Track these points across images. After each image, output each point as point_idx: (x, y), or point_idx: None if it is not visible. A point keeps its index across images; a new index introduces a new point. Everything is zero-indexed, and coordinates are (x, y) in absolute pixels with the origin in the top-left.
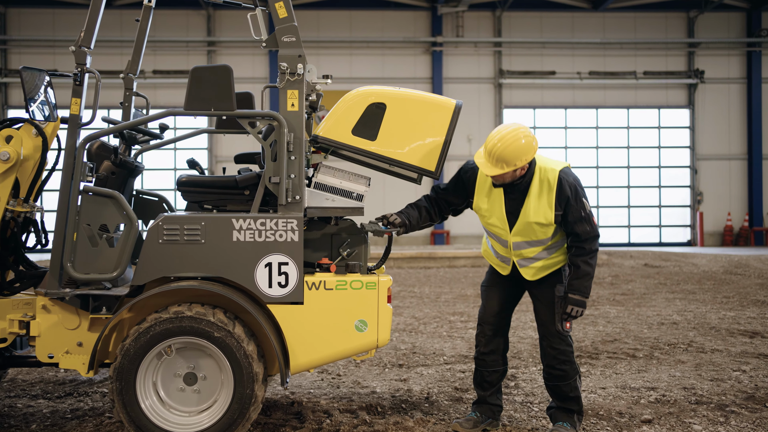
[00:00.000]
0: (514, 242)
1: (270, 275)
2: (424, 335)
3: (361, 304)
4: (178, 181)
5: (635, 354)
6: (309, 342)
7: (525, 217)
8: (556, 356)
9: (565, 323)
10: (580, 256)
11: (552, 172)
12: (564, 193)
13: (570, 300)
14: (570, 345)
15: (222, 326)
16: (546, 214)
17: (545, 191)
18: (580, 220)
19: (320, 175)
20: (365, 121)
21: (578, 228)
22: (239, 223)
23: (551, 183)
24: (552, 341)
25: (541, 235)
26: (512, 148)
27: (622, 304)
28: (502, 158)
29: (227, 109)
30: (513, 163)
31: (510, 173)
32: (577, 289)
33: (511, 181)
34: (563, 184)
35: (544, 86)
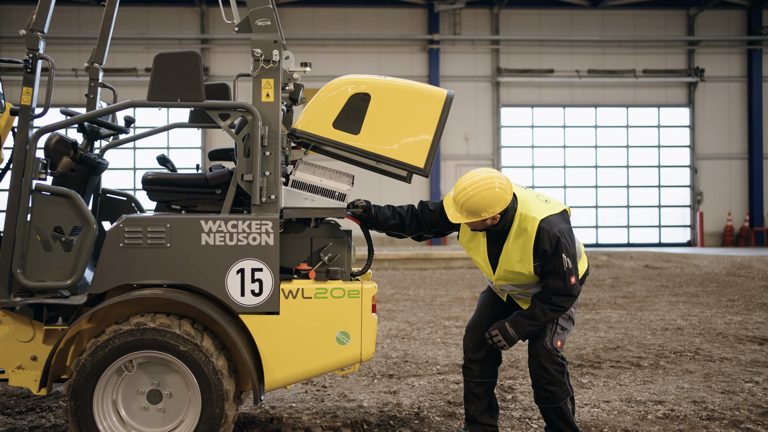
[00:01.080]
0: (499, 285)
1: (242, 282)
2: (417, 342)
3: (343, 315)
4: (143, 179)
5: (640, 363)
6: (285, 356)
7: (505, 265)
8: (543, 375)
9: (556, 341)
10: (543, 302)
11: (532, 222)
12: (541, 246)
13: (502, 328)
14: (560, 364)
15: (188, 339)
16: (524, 263)
17: (523, 241)
18: (554, 275)
19: (298, 172)
20: (347, 113)
21: (550, 281)
22: (208, 225)
23: (529, 233)
24: (539, 358)
25: (525, 280)
26: (480, 198)
27: (624, 307)
28: (469, 208)
29: (195, 100)
30: (479, 214)
31: (479, 222)
32: (515, 323)
33: (483, 228)
34: (541, 236)
35: (542, 85)
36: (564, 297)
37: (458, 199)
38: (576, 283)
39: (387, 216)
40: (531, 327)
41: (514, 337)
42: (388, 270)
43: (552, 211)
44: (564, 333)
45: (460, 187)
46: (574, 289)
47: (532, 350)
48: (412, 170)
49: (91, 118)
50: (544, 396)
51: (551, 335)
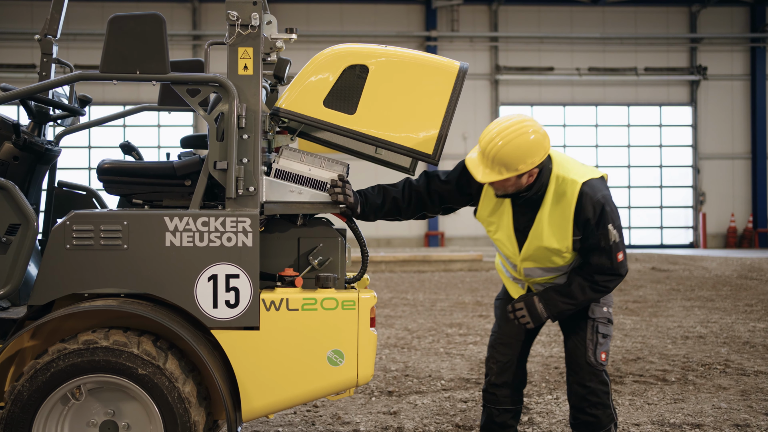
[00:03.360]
0: (524, 268)
1: (215, 292)
2: (418, 352)
3: (336, 330)
4: (99, 168)
5: (666, 377)
6: (267, 379)
7: (536, 240)
8: (586, 396)
9: (600, 353)
10: (582, 278)
11: (572, 185)
12: (584, 214)
13: (528, 299)
14: (605, 383)
15: (149, 360)
16: (561, 238)
17: (562, 208)
18: (598, 250)
19: (283, 159)
20: (341, 89)
21: (594, 258)
22: (174, 222)
23: (569, 198)
24: (580, 376)
25: (558, 261)
26: (514, 146)
27: (637, 313)
28: (500, 160)
29: (158, 72)
30: (515, 167)
31: (513, 180)
32: (546, 299)
33: (515, 191)
34: (584, 202)
35: (541, 83)
36: (610, 276)
37: (487, 151)
38: (624, 260)
39: (377, 204)
40: (565, 306)
41: (542, 315)
42: (384, 272)
43: (593, 174)
44: (607, 341)
45: (486, 138)
46: (621, 267)
47: (571, 366)
48: (418, 158)
49: (30, 94)
50: (585, 421)
51: (594, 347)
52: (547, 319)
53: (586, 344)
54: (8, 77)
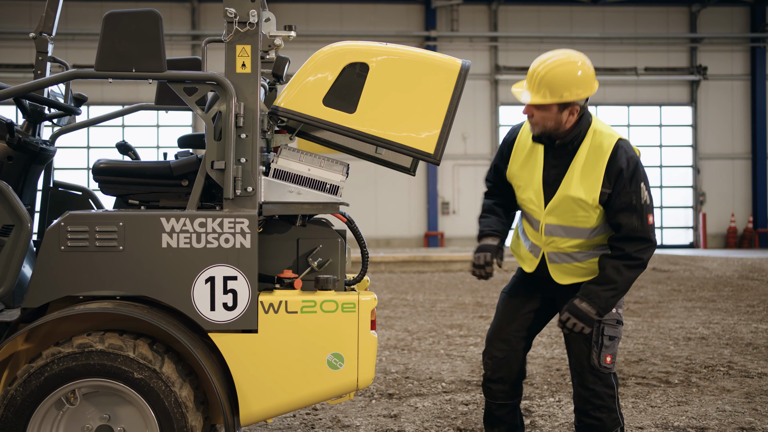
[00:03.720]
0: (546, 224)
1: (212, 294)
2: (418, 354)
3: (336, 333)
4: (94, 168)
5: (669, 379)
6: (265, 383)
7: (564, 189)
8: (590, 399)
9: (605, 357)
10: (613, 259)
11: (609, 138)
12: (617, 165)
13: (571, 306)
14: (611, 386)
15: (145, 364)
16: (590, 188)
17: (595, 159)
18: (629, 209)
19: (281, 159)
20: (341, 87)
21: (623, 218)
22: (170, 223)
23: (605, 149)
24: (584, 379)
25: (581, 221)
26: (564, 71)
27: (638, 314)
28: (546, 82)
29: (154, 70)
30: (560, 93)
31: (554, 113)
32: (587, 294)
33: (554, 130)
34: (618, 154)
35: None
36: (641, 242)
37: (536, 73)
38: (654, 225)
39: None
40: (607, 293)
41: (590, 313)
42: (384, 273)
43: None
44: (614, 344)
45: (537, 62)
46: (652, 231)
47: (575, 368)
48: (419, 157)
49: (24, 93)
50: (589, 424)
51: (598, 349)
52: (597, 315)
53: (591, 346)
54: (7, 77)
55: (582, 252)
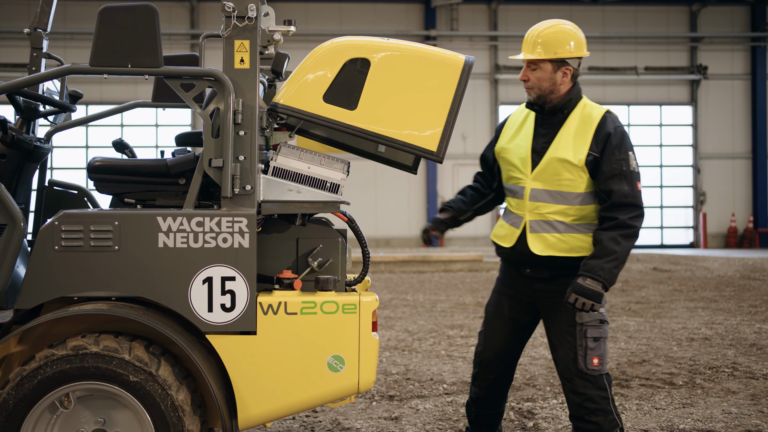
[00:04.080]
0: (532, 189)
1: (210, 295)
2: (419, 355)
3: (337, 335)
4: (89, 165)
5: (673, 381)
6: (264, 386)
7: (552, 153)
8: (583, 404)
9: (591, 359)
10: (608, 230)
11: (598, 109)
12: (605, 130)
13: (576, 286)
14: (603, 388)
15: (141, 367)
16: (577, 150)
17: (584, 126)
18: (619, 176)
19: (281, 157)
20: (341, 83)
21: (613, 183)
22: (167, 222)
23: (593, 118)
24: (575, 385)
25: (567, 184)
26: (557, 30)
27: (640, 314)
28: (541, 41)
29: (150, 65)
30: (553, 50)
31: (549, 71)
32: (590, 269)
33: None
34: (608, 121)
35: None
36: (632, 209)
37: (531, 33)
38: (641, 191)
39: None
40: (610, 264)
41: (596, 288)
42: (384, 273)
43: None
44: (599, 344)
45: (535, 25)
46: (641, 197)
47: (564, 375)
48: (422, 155)
49: (17, 89)
50: (586, 429)
51: (584, 353)
52: (603, 288)
53: (576, 351)
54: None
55: (564, 223)
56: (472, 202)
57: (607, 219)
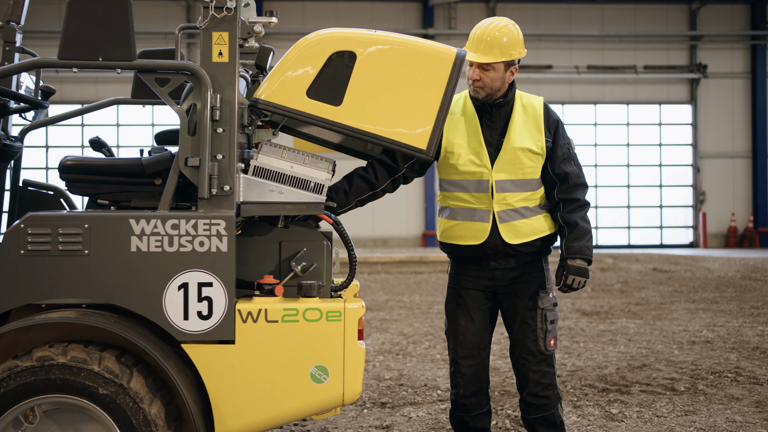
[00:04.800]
0: (497, 181)
1: (186, 302)
2: (413, 359)
3: (320, 344)
4: (61, 165)
5: (674, 386)
6: (243, 398)
7: (510, 143)
8: (540, 381)
9: (549, 340)
10: (575, 212)
11: (535, 98)
12: (552, 118)
13: (570, 268)
14: (552, 365)
15: (111, 378)
16: (535, 138)
17: (530, 116)
18: (569, 159)
19: (262, 156)
20: (326, 78)
21: (567, 166)
22: (140, 225)
23: (536, 108)
24: (533, 363)
25: (529, 172)
26: (508, 32)
27: (640, 316)
28: (497, 42)
29: (122, 59)
30: (508, 53)
31: (501, 71)
32: (578, 251)
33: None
34: (550, 110)
35: (540, 81)
36: (584, 187)
37: (487, 34)
38: None
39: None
40: (590, 243)
41: (583, 266)
42: (381, 274)
43: None
44: (554, 327)
45: (484, 26)
46: (585, 176)
47: (522, 355)
48: (410, 153)
49: None
50: (540, 405)
51: (544, 335)
52: (588, 265)
53: (537, 334)
54: None
55: (527, 208)
56: (357, 193)
57: (568, 201)
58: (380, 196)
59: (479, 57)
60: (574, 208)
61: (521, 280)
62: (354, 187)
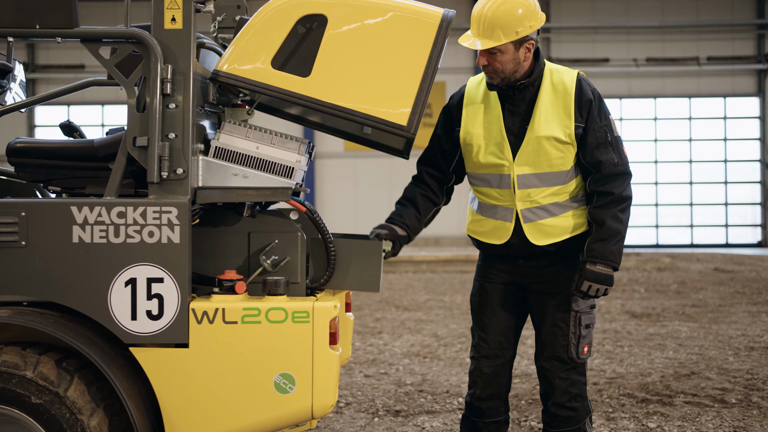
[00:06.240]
0: (519, 176)
1: (134, 299)
2: (441, 362)
3: (285, 348)
4: (9, 148)
5: (724, 398)
6: (197, 409)
7: (535, 132)
8: (568, 390)
9: (583, 347)
10: (606, 208)
11: (568, 73)
12: (585, 96)
13: (588, 273)
14: (584, 374)
15: (45, 386)
16: (563, 124)
17: (560, 97)
18: (606, 144)
19: (224, 135)
20: (293, 45)
21: (601, 154)
22: (83, 213)
23: (567, 86)
24: (561, 371)
25: (557, 163)
26: (509, 8)
27: (695, 319)
28: (498, 22)
29: (63, 26)
30: (513, 30)
31: (511, 52)
32: (599, 255)
33: (514, 72)
34: (583, 87)
35: (596, 75)
36: (624, 177)
37: (483, 16)
38: (627, 154)
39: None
40: (618, 246)
41: (609, 273)
42: (426, 273)
43: None
44: (590, 332)
45: (480, 6)
46: (628, 162)
47: (550, 360)
48: (389, 130)
49: None
50: (566, 417)
51: (576, 341)
52: (614, 270)
53: (569, 339)
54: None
55: (556, 204)
56: (428, 215)
57: (600, 194)
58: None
59: (478, 42)
60: (605, 203)
61: (554, 277)
62: (422, 209)
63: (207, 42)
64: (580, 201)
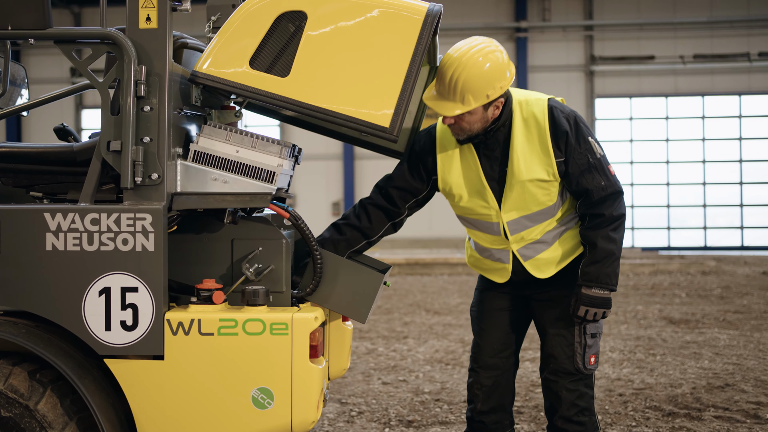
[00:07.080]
0: (509, 222)
1: (108, 309)
2: (462, 369)
3: (263, 361)
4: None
5: (758, 413)
6: (172, 424)
7: (516, 176)
8: (575, 402)
9: (590, 357)
10: (597, 229)
11: (538, 103)
12: (561, 128)
13: (583, 298)
14: (591, 387)
15: (14, 399)
16: (544, 162)
17: (533, 133)
18: (589, 170)
19: (203, 138)
20: (272, 44)
21: (587, 181)
22: (56, 220)
23: (539, 119)
24: (567, 381)
25: (544, 201)
26: (479, 70)
27: (736, 326)
28: (467, 87)
29: (35, 26)
30: (484, 94)
31: (480, 114)
32: (594, 278)
33: (482, 128)
34: (556, 116)
35: (641, 73)
36: (614, 197)
37: (450, 81)
38: (616, 174)
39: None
40: (612, 267)
41: (605, 295)
42: (462, 275)
43: None
44: (596, 341)
45: (446, 66)
46: (617, 181)
47: (555, 372)
48: (372, 132)
49: None
50: (572, 431)
51: (582, 351)
52: (611, 292)
53: (574, 349)
54: None
55: (550, 232)
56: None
57: (592, 216)
58: (376, 242)
59: (445, 109)
60: (596, 224)
61: (558, 286)
62: (344, 238)
63: (191, 42)
64: (573, 220)
